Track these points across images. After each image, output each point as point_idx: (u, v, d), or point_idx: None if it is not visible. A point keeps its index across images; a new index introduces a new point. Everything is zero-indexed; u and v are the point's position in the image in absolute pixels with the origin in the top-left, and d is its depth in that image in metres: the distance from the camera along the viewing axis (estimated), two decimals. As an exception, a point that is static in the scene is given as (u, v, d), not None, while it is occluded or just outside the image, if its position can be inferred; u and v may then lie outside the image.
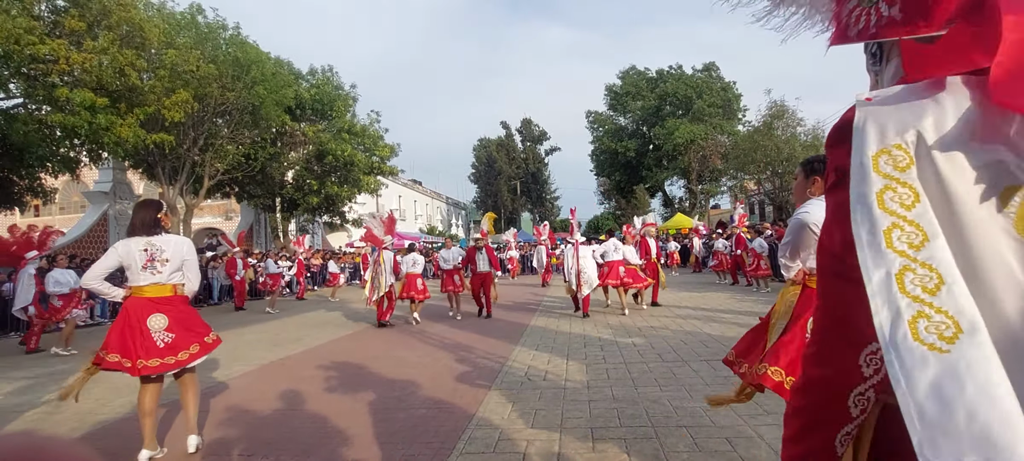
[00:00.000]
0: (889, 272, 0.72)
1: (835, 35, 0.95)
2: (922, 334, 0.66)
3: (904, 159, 0.75)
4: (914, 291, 0.69)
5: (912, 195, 0.74)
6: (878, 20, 0.85)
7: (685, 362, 5.19)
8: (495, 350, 6.35)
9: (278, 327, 9.62)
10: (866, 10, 0.87)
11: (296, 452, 3.27)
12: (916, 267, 0.71)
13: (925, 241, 0.71)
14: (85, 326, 10.94)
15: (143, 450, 3.17)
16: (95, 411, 4.40)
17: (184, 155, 15.98)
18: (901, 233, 0.73)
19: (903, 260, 0.71)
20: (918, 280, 0.70)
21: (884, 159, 0.76)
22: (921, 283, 0.70)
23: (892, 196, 0.74)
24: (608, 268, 9.45)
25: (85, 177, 18.74)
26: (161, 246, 3.23)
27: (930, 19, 0.78)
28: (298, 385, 5.00)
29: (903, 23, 0.82)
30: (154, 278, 3.21)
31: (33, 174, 12.72)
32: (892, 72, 0.90)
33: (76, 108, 11.16)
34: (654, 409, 3.76)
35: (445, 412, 3.95)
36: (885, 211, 0.74)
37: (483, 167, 49.66)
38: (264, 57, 17.14)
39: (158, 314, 3.18)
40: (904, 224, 0.73)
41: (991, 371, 0.62)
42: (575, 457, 2.99)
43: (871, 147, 0.77)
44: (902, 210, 0.74)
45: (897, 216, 0.74)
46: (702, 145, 31.61)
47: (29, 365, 6.79)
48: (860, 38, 0.89)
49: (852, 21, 0.90)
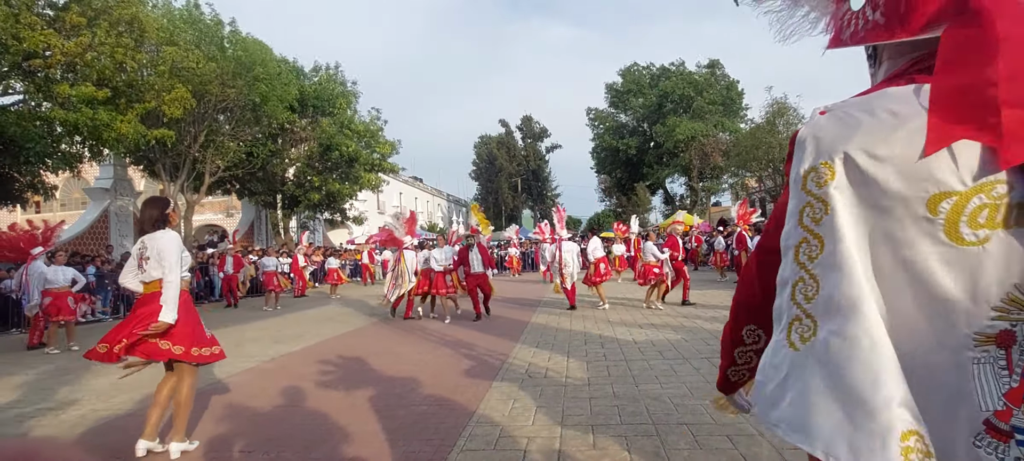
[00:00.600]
0: (789, 281, 0.84)
1: (832, 39, 0.96)
2: (792, 336, 0.82)
3: (826, 174, 0.80)
4: (799, 298, 0.82)
5: (823, 208, 0.80)
6: (865, 24, 0.87)
7: (686, 359, 5.19)
8: (496, 347, 6.35)
9: (279, 324, 9.63)
10: (855, 15, 0.89)
11: (297, 448, 3.27)
12: (806, 277, 0.82)
13: (820, 253, 0.80)
14: (85, 322, 10.96)
15: (141, 440, 3.17)
16: (97, 407, 4.41)
17: (185, 152, 15.99)
18: (806, 247, 0.82)
19: (801, 271, 0.82)
20: (803, 288, 0.82)
21: (812, 176, 0.81)
22: (805, 292, 0.81)
23: (809, 212, 0.82)
24: (593, 267, 10.13)
25: (86, 174, 18.74)
26: (149, 245, 3.22)
27: (907, 24, 0.80)
28: (299, 382, 5.01)
29: (885, 28, 0.83)
30: (144, 277, 3.23)
31: (33, 171, 12.73)
32: (882, 75, 0.91)
33: (77, 104, 11.16)
34: (655, 406, 3.76)
35: (446, 409, 3.95)
36: (801, 226, 0.83)
37: (484, 164, 49.65)
38: (267, 54, 17.12)
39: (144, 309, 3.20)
40: (810, 238, 0.81)
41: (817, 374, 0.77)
42: (576, 454, 2.99)
43: (804, 164, 0.83)
44: (812, 225, 0.81)
45: (808, 231, 0.82)
46: (703, 142, 31.57)
47: (33, 361, 6.80)
48: (852, 42, 0.90)
49: (845, 24, 0.92)
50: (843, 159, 0.79)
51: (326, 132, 20.65)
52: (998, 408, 0.71)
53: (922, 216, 0.74)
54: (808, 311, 0.81)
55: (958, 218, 0.72)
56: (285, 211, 23.10)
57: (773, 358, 0.85)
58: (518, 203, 48.91)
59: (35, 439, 3.39)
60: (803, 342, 0.80)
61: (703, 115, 32.95)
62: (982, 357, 0.72)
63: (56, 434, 3.79)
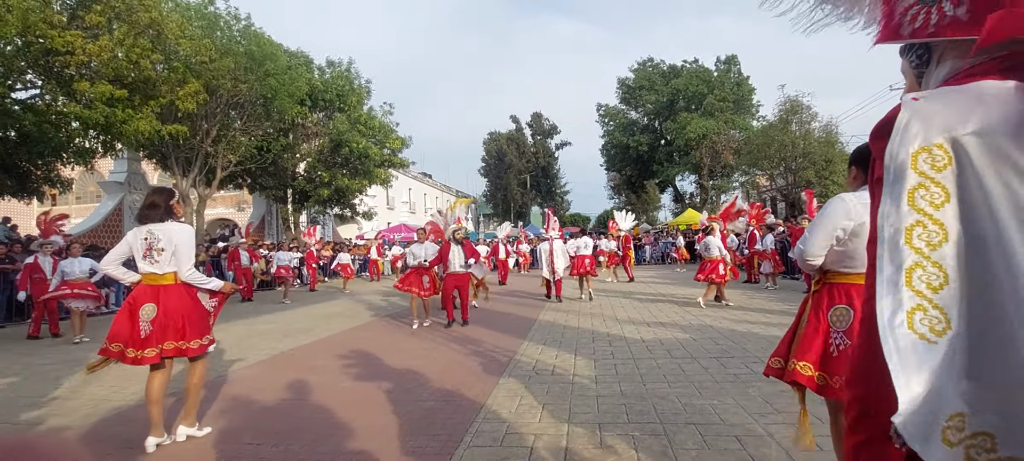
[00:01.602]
0: (900, 266, 0.77)
1: (884, 33, 0.94)
2: (917, 325, 0.75)
3: (943, 159, 0.77)
4: (919, 287, 0.76)
5: (943, 195, 0.77)
6: (939, 19, 0.85)
7: (694, 358, 5.15)
8: (503, 344, 6.35)
9: (289, 318, 9.71)
10: (926, 9, 0.87)
11: (305, 442, 3.29)
12: (927, 265, 0.77)
13: (944, 241, 0.76)
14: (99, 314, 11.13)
15: (150, 437, 3.21)
16: (109, 397, 4.48)
17: (197, 146, 16.15)
18: (923, 230, 0.77)
19: (916, 257, 0.77)
20: (925, 277, 0.76)
21: (924, 157, 0.78)
22: (927, 280, 0.76)
23: (924, 194, 0.78)
24: (577, 261, 11.22)
25: (100, 167, 19.01)
26: (159, 234, 3.22)
27: None
28: (308, 376, 5.04)
29: (970, 23, 0.81)
30: (152, 267, 3.22)
31: (49, 165, 12.93)
32: (945, 74, 0.90)
33: (95, 102, 11.30)
34: (662, 405, 3.74)
35: (453, 404, 3.96)
36: (913, 208, 0.78)
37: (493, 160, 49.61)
38: (277, 49, 17.22)
39: (149, 304, 3.18)
40: (928, 222, 0.77)
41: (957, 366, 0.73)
42: (582, 452, 2.98)
43: (912, 145, 0.79)
44: (930, 208, 0.77)
45: (924, 213, 0.77)
46: (715, 140, 31.29)
47: (44, 351, 6.92)
48: (914, 36, 0.89)
49: (907, 20, 0.90)
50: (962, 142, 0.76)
51: (337, 128, 20.75)
52: None
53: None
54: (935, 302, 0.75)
55: None
56: (296, 206, 23.27)
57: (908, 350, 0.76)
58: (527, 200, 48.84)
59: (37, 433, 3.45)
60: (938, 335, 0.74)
61: (714, 112, 32.64)
62: None
63: (69, 424, 3.85)
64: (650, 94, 36.63)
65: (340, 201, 23.12)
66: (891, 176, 0.81)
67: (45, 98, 12.14)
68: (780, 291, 11.42)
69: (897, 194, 0.80)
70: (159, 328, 3.15)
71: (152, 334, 3.15)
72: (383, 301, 12.05)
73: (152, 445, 3.19)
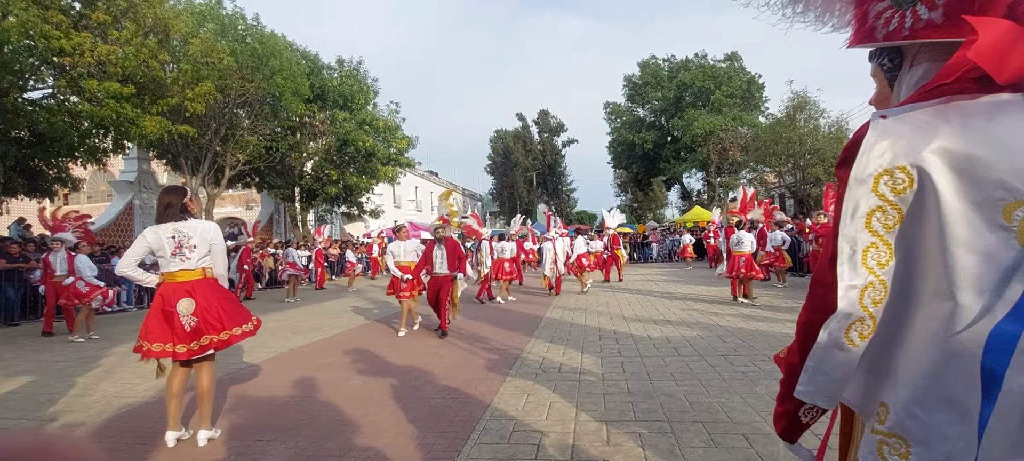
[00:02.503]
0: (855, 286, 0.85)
1: (857, 35, 0.96)
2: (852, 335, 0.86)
3: (904, 181, 0.82)
4: (866, 304, 0.85)
5: (897, 216, 0.83)
6: (914, 22, 0.87)
7: (701, 356, 5.14)
8: (510, 341, 6.37)
9: (297, 316, 9.78)
10: (900, 13, 0.88)
11: (314, 438, 3.32)
12: (876, 283, 0.85)
13: (890, 260, 0.84)
14: (111, 312, 11.26)
15: (169, 431, 3.26)
16: (121, 394, 4.54)
17: (206, 146, 16.28)
18: (876, 252, 0.85)
19: (870, 277, 0.85)
20: (872, 294, 0.85)
21: (885, 180, 0.83)
22: (873, 297, 0.85)
23: (880, 217, 0.84)
24: (576, 258, 12.12)
25: (111, 167, 19.24)
26: (188, 232, 3.28)
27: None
28: (316, 373, 5.08)
29: (946, 26, 0.84)
30: (183, 264, 3.26)
31: (61, 164, 13.09)
32: (918, 78, 0.91)
33: (105, 99, 11.43)
34: (669, 403, 3.74)
35: (460, 402, 3.98)
36: (869, 231, 0.85)
37: (499, 158, 49.55)
38: (283, 48, 17.31)
39: (187, 299, 3.22)
40: (880, 244, 0.84)
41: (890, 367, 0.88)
42: (590, 449, 2.99)
43: (874, 167, 0.84)
44: (883, 231, 0.84)
45: (878, 236, 0.84)
46: (722, 137, 31.09)
47: (58, 349, 7.02)
48: (889, 39, 0.91)
49: (880, 23, 0.91)
50: (924, 164, 0.80)
51: (343, 127, 20.83)
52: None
53: (998, 224, 0.76)
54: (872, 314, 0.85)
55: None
56: (303, 204, 23.41)
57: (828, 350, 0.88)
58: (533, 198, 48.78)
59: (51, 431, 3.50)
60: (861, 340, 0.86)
61: (722, 109, 32.42)
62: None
63: (83, 420, 3.91)
64: (656, 91, 36.45)
65: (347, 199, 23.23)
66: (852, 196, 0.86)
67: (56, 97, 12.30)
68: (789, 288, 11.35)
69: (857, 214, 0.85)
70: (202, 321, 3.21)
71: (197, 327, 3.20)
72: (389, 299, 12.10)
73: (172, 440, 3.24)
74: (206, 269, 3.33)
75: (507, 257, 11.16)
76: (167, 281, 3.29)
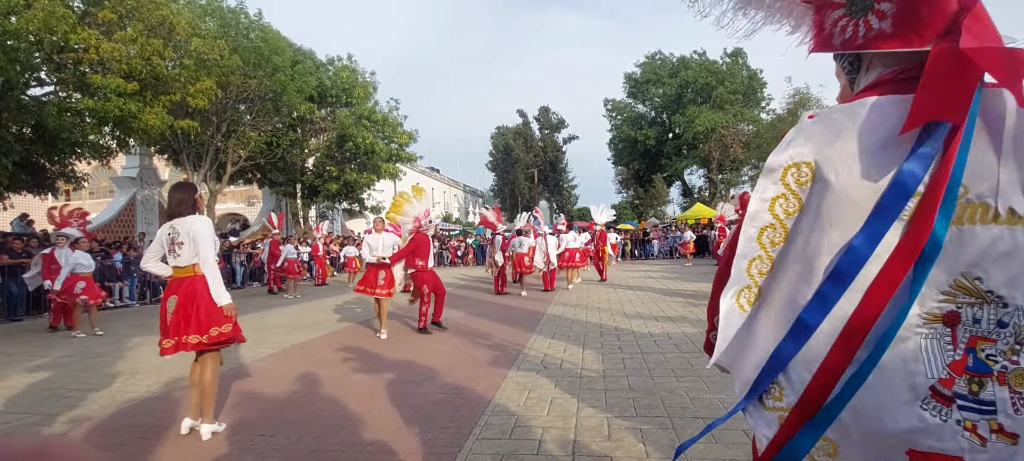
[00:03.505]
0: (747, 256, 0.98)
1: (816, 43, 1.02)
2: (742, 300, 0.99)
3: (807, 175, 0.92)
4: (753, 273, 0.98)
5: (797, 205, 0.94)
6: (866, 32, 0.92)
7: (702, 353, 5.13)
8: (511, 337, 6.38)
9: (298, 311, 9.81)
10: (854, 22, 0.94)
11: (317, 433, 3.34)
12: (764, 257, 0.97)
13: (782, 242, 0.96)
14: (114, 307, 11.31)
15: (186, 418, 3.36)
16: (125, 389, 4.57)
17: (208, 142, 16.30)
18: (773, 232, 0.96)
19: (760, 251, 0.97)
20: (759, 266, 0.98)
21: (792, 172, 0.93)
22: (759, 269, 0.98)
23: (783, 204, 0.95)
24: (568, 253, 12.65)
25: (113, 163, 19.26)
26: (179, 229, 3.31)
27: (921, 34, 0.87)
28: (318, 368, 5.11)
29: (893, 36, 0.89)
30: (176, 261, 3.32)
31: (65, 160, 13.12)
32: (872, 79, 0.97)
33: (108, 94, 11.44)
34: (670, 399, 3.75)
35: (462, 397, 3.99)
36: (771, 213, 0.96)
37: (500, 155, 49.44)
38: (286, 45, 17.31)
39: (173, 296, 3.30)
40: (777, 226, 0.96)
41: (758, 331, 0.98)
42: (590, 445, 3.00)
43: (785, 160, 0.94)
44: (784, 216, 0.95)
45: (777, 219, 0.96)
46: (723, 133, 31.02)
47: (62, 344, 7.05)
48: (845, 47, 0.96)
49: (837, 31, 0.97)
50: (824, 161, 0.90)
51: (343, 123, 20.82)
52: (942, 377, 0.84)
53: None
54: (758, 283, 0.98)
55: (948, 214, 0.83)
56: (305, 200, 23.43)
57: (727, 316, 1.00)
58: (534, 194, 48.72)
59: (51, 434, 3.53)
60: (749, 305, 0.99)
61: (723, 105, 32.34)
62: (929, 333, 0.85)
63: (87, 414, 3.93)
64: (657, 88, 36.36)
65: (349, 196, 23.24)
66: (763, 183, 0.97)
67: (60, 94, 12.32)
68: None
69: (763, 199, 0.96)
70: (181, 319, 3.25)
71: (172, 324, 3.26)
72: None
73: (186, 427, 3.34)
74: (196, 265, 3.31)
75: (523, 252, 11.71)
76: (172, 276, 3.38)
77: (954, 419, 0.83)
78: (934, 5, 0.85)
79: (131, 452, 3.15)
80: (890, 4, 0.89)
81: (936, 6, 0.85)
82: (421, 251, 6.94)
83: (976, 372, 0.83)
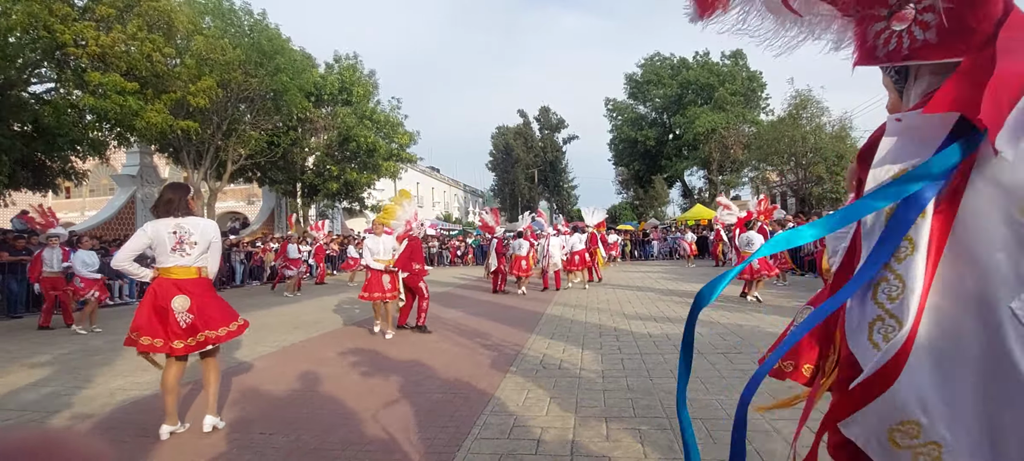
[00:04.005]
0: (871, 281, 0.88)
1: (860, 55, 1.01)
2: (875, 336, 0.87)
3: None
4: (881, 299, 0.87)
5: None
6: (911, 43, 0.90)
7: (701, 354, 5.15)
8: (510, 337, 6.39)
9: (298, 310, 9.82)
10: (897, 34, 0.92)
11: (316, 431, 3.35)
12: (891, 278, 0.86)
13: (910, 253, 0.85)
14: (113, 305, 11.31)
15: (164, 425, 3.29)
16: (125, 388, 4.57)
17: (208, 140, 16.30)
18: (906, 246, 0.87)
19: (884, 270, 0.87)
20: (887, 289, 0.86)
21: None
22: (888, 293, 0.86)
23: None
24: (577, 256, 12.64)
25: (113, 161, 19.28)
26: (190, 229, 3.29)
27: (969, 43, 0.84)
28: (317, 367, 5.11)
29: (939, 47, 0.87)
30: (182, 260, 3.27)
31: (65, 157, 13.12)
32: (923, 89, 0.95)
33: (107, 92, 11.45)
34: (669, 400, 3.75)
35: (460, 397, 4.00)
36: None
37: (500, 155, 49.45)
38: (287, 44, 17.31)
39: (182, 296, 3.23)
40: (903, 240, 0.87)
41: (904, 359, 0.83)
42: (589, 445, 3.01)
43: (891, 168, 0.89)
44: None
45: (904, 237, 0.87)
46: (724, 135, 31.03)
47: (61, 341, 7.05)
48: (889, 60, 0.95)
49: (880, 43, 0.95)
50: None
51: (345, 123, 20.83)
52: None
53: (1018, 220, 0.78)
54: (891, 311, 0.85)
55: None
56: (305, 199, 23.43)
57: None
58: (534, 194, 48.73)
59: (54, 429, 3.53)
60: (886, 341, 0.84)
61: (724, 106, 32.34)
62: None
63: (87, 412, 3.94)
64: (658, 88, 36.36)
65: (349, 195, 23.25)
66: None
67: (60, 91, 12.32)
68: (789, 287, 11.36)
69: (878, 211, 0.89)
70: (199, 318, 3.24)
71: (193, 323, 3.23)
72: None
73: (166, 433, 3.27)
74: (201, 268, 3.34)
75: (522, 254, 11.93)
76: (161, 277, 3.27)
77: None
78: (979, 11, 0.83)
79: (130, 450, 3.15)
80: (933, 14, 0.87)
81: (981, 12, 0.83)
82: (417, 254, 7.20)
83: None
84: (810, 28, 1.07)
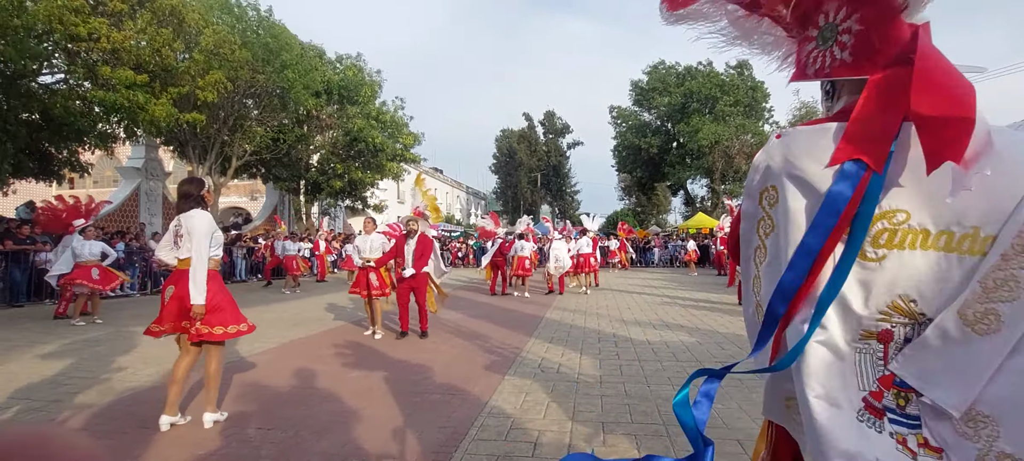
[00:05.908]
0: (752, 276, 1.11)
1: (796, 72, 1.12)
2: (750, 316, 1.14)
3: (775, 197, 1.02)
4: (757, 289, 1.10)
5: (770, 225, 1.04)
6: (831, 62, 1.00)
7: (699, 362, 5.17)
8: (509, 340, 6.40)
9: (298, 307, 9.84)
10: (822, 52, 1.02)
11: (314, 429, 3.37)
12: (761, 276, 1.08)
13: (765, 259, 1.06)
14: (115, 297, 11.35)
15: (163, 415, 3.33)
16: (125, 378, 4.60)
17: (214, 135, 16.37)
18: (761, 252, 1.08)
19: (756, 271, 1.09)
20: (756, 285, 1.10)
21: (767, 195, 1.04)
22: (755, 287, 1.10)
23: (764, 224, 1.06)
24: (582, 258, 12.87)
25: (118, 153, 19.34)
26: (183, 222, 3.39)
27: (874, 61, 0.94)
28: (316, 365, 5.13)
29: (851, 65, 0.97)
30: (179, 252, 3.42)
31: (71, 148, 13.19)
32: (842, 105, 1.05)
33: (117, 85, 11.52)
34: (666, 407, 3.76)
35: (458, 398, 4.01)
36: (757, 235, 1.08)
37: (504, 158, 49.52)
38: (294, 41, 17.38)
39: (171, 286, 3.40)
40: (762, 246, 1.07)
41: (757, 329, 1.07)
42: (585, 450, 3.02)
43: (761, 184, 1.05)
44: (764, 237, 1.06)
45: (761, 240, 1.07)
46: (727, 146, 31.03)
47: (64, 332, 7.09)
48: (816, 76, 1.05)
49: (810, 61, 1.06)
50: (787, 182, 0.99)
51: (355, 123, 20.90)
52: (873, 390, 0.92)
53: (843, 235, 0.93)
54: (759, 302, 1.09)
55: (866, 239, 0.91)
56: (308, 197, 23.48)
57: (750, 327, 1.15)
58: (537, 198, 48.76)
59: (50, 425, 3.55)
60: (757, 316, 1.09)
61: (724, 117, 32.37)
62: (863, 348, 0.93)
63: (87, 402, 3.96)
64: (663, 96, 36.37)
65: (352, 193, 23.29)
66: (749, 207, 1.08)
67: (70, 82, 12.39)
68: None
69: (752, 222, 1.08)
70: (178, 309, 3.33)
71: (166, 313, 3.35)
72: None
73: (166, 424, 3.31)
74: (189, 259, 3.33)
75: (525, 255, 12.22)
76: (176, 268, 3.45)
77: (887, 432, 0.89)
78: (883, 35, 0.92)
79: (130, 441, 3.17)
80: (850, 36, 0.97)
81: (885, 36, 0.92)
82: (428, 252, 6.68)
83: (901, 387, 0.90)
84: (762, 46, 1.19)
